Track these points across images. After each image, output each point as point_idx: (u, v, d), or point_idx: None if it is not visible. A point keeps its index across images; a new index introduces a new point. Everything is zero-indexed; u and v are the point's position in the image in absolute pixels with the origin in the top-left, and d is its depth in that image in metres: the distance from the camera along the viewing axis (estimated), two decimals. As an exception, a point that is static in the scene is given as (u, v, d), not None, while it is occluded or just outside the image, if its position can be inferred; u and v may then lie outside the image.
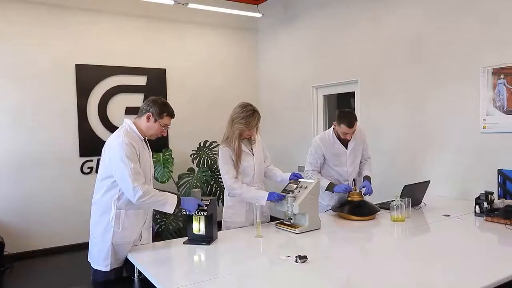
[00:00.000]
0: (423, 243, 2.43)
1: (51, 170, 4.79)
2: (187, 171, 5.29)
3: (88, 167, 5.02)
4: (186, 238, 2.46)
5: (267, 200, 2.71)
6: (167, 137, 5.45)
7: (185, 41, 5.72)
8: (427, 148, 3.94)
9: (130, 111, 5.25)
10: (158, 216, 4.56)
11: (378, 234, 2.67)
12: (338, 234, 2.63)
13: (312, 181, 2.69)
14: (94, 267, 2.29)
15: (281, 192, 2.76)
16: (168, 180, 5.08)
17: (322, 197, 3.65)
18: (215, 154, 5.22)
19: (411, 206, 3.11)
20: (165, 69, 5.53)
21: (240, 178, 2.83)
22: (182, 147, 5.53)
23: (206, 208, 2.37)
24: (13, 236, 4.53)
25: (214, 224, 2.45)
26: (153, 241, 2.51)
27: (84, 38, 4.97)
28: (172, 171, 5.12)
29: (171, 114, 2.41)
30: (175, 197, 2.29)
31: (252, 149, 2.89)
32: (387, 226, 2.76)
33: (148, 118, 2.34)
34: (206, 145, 5.34)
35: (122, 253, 2.27)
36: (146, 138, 2.43)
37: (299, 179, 2.82)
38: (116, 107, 5.19)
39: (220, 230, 2.81)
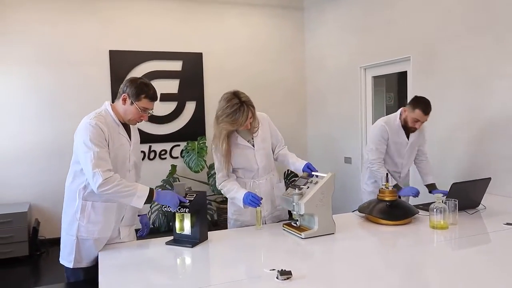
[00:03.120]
0: (468, 262, 1.81)
1: (87, 157, 4.79)
2: (222, 160, 4.99)
3: (123, 155, 4.95)
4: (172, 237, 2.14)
5: (244, 204, 2.27)
6: (203, 125, 5.21)
7: (223, 23, 5.39)
8: (491, 138, 3.18)
9: (164, 97, 5.09)
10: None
11: (406, 245, 2.10)
12: (355, 242, 2.11)
13: (325, 175, 2.19)
14: (60, 262, 2.06)
15: (290, 186, 2.31)
16: (202, 169, 4.85)
17: (366, 183, 3.19)
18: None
19: (465, 209, 2.50)
20: (201, 53, 5.26)
21: (242, 173, 2.44)
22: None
23: (188, 204, 2.01)
24: (49, 221, 4.61)
25: (201, 224, 2.09)
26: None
27: (117, 23, 4.88)
28: (205, 160, 4.87)
29: (151, 97, 2.08)
30: (147, 189, 1.97)
31: (252, 139, 2.44)
32: (423, 235, 2.18)
33: (124, 100, 2.05)
34: (241, 133, 4.98)
35: (89, 251, 2.00)
36: (131, 124, 2.17)
37: (313, 172, 2.34)
38: (151, 94, 5.04)
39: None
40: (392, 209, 2.36)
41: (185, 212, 2.01)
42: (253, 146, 2.43)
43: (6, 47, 4.47)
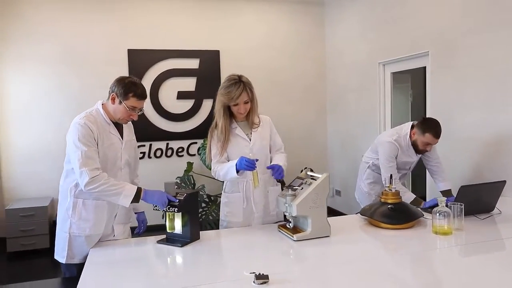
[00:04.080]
0: (472, 270, 1.68)
1: (106, 154, 4.91)
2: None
3: (141, 152, 5.03)
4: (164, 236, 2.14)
5: (238, 170, 2.22)
6: (221, 123, 5.21)
7: (240, 20, 5.36)
8: (510, 139, 2.98)
9: (182, 95, 5.14)
10: (197, 205, 4.34)
11: (404, 250, 1.99)
12: (350, 246, 2.02)
13: (320, 175, 2.12)
14: (55, 257, 2.10)
15: (285, 187, 2.25)
16: (217, 167, 4.85)
17: (364, 182, 3.15)
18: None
19: (476, 214, 2.35)
20: (218, 51, 5.26)
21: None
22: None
23: (177, 204, 2.00)
24: (70, 216, 4.76)
25: (192, 223, 2.07)
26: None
27: (135, 22, 4.96)
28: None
29: (139, 95, 2.08)
30: (134, 188, 1.97)
31: (251, 133, 2.40)
32: (424, 240, 2.07)
33: (113, 99, 2.08)
34: (257, 131, 4.93)
35: (80, 247, 2.03)
36: (122, 123, 2.18)
37: (310, 173, 2.27)
38: (168, 92, 5.11)
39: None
40: (394, 213, 2.25)
41: (174, 211, 2.00)
42: (250, 140, 2.39)
43: (30, 47, 4.65)
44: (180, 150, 5.19)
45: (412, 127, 2.89)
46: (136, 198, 1.96)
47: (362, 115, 4.87)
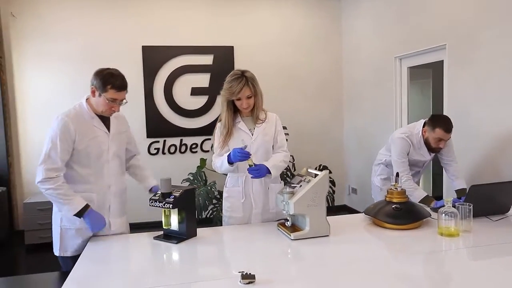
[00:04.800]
0: (478, 275, 1.58)
1: (121, 150, 4.97)
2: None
3: (155, 148, 5.08)
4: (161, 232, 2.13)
5: (231, 162, 2.22)
6: (234, 119, 5.18)
7: (255, 15, 5.31)
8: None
9: (195, 91, 5.14)
10: (208, 202, 4.33)
11: (406, 252, 1.89)
12: (349, 246, 1.94)
13: (319, 172, 2.05)
14: (53, 250, 2.15)
15: (285, 184, 2.19)
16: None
17: (376, 178, 3.07)
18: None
19: (488, 215, 2.23)
20: (232, 47, 5.22)
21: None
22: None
23: (172, 200, 1.98)
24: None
25: (188, 220, 2.05)
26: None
27: (149, 18, 4.98)
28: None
29: (118, 87, 2.03)
30: (82, 205, 1.98)
31: (254, 129, 2.36)
32: (429, 242, 1.96)
33: (93, 92, 2.07)
34: (270, 128, 4.87)
35: (72, 240, 2.07)
36: (106, 115, 2.16)
37: (310, 170, 2.20)
38: (182, 88, 5.12)
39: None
40: (399, 212, 2.16)
41: (169, 208, 1.98)
42: (252, 135, 2.35)
43: (47, 45, 4.75)
44: (194, 146, 5.20)
45: (424, 125, 2.78)
46: (80, 214, 1.97)
47: (379, 112, 4.73)
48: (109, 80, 2.01)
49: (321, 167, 5.02)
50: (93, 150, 2.07)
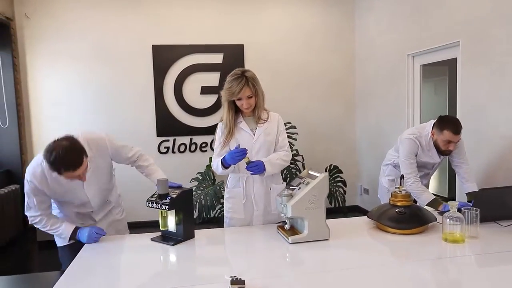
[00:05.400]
0: (485, 284, 1.52)
1: (131, 148, 4.99)
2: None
3: (165, 147, 5.10)
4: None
5: (228, 164, 2.21)
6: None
7: (265, 13, 5.25)
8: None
9: (205, 90, 5.12)
10: (216, 201, 4.31)
11: (408, 258, 1.82)
12: (349, 251, 1.88)
13: (318, 174, 2.00)
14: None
15: (286, 186, 2.15)
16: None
17: (384, 178, 3.00)
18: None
19: (498, 220, 2.13)
20: (242, 45, 5.18)
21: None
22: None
23: (168, 201, 1.96)
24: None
25: (185, 222, 2.03)
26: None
27: (159, 17, 4.99)
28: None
29: (66, 171, 1.84)
30: (70, 231, 2.08)
31: (256, 128, 2.32)
32: (432, 248, 1.89)
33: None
34: (279, 127, 4.81)
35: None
36: None
37: (311, 172, 2.14)
38: (192, 87, 5.11)
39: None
40: (403, 216, 2.09)
41: (165, 209, 1.97)
42: (254, 135, 2.31)
43: (61, 44, 4.81)
44: (203, 145, 5.19)
45: (433, 127, 2.68)
46: (71, 238, 2.09)
47: (391, 111, 4.62)
48: (58, 166, 1.83)
49: (332, 167, 4.94)
50: (71, 199, 2.12)
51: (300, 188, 2.01)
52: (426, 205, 2.55)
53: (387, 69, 4.64)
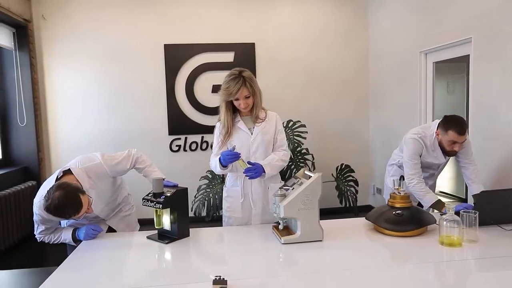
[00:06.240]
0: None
1: (144, 148, 4.97)
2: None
3: (176, 145, 5.15)
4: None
5: (223, 166, 2.22)
6: (255, 116, 5.16)
7: (276, 11, 5.22)
8: None
9: (216, 89, 5.13)
10: (218, 203, 4.33)
11: (402, 261, 1.79)
12: (343, 252, 1.85)
13: (313, 174, 1.98)
14: None
15: (283, 186, 2.13)
16: (249, 161, 4.81)
17: (389, 179, 2.95)
18: (296, 135, 4.66)
19: (500, 223, 2.06)
20: (253, 44, 5.18)
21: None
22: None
23: (162, 200, 1.99)
24: (110, 205, 5.02)
25: (180, 220, 2.05)
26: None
27: (171, 17, 5.04)
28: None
29: (69, 216, 1.90)
30: (70, 234, 2.15)
31: (253, 128, 2.32)
32: (428, 251, 1.84)
33: None
34: (289, 125, 4.80)
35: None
36: None
37: (308, 172, 2.13)
38: (203, 85, 5.15)
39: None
40: (400, 218, 2.04)
41: (159, 207, 1.99)
42: (251, 134, 2.31)
43: (75, 44, 4.93)
44: (214, 143, 5.21)
45: (437, 134, 2.61)
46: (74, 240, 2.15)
47: (404, 110, 4.52)
48: (60, 216, 1.90)
49: (343, 166, 4.88)
50: (80, 220, 2.17)
51: (293, 188, 2.00)
52: (430, 206, 2.49)
53: (400, 67, 4.54)
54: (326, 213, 5.06)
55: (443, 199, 5.39)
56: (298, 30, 5.26)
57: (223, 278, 1.47)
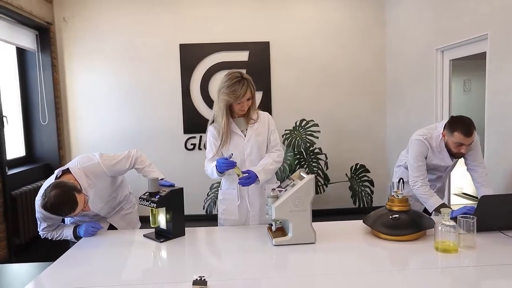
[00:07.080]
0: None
1: (160, 146, 5.16)
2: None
3: (191, 144, 5.22)
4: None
5: (220, 172, 2.21)
6: (270, 115, 5.14)
7: (291, 9, 5.18)
8: None
9: (231, 88, 5.16)
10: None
11: (394, 267, 1.74)
12: (335, 256, 1.83)
13: (306, 176, 1.96)
14: None
15: (277, 187, 2.13)
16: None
17: (396, 179, 2.85)
18: (309, 135, 4.61)
19: (502, 229, 1.98)
20: (268, 42, 5.16)
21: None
22: (287, 126, 5.01)
23: (157, 199, 2.02)
24: (126, 202, 5.15)
25: (175, 219, 2.09)
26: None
27: (186, 16, 5.09)
28: (265, 152, 4.81)
29: (65, 215, 2.02)
30: (71, 231, 2.23)
31: (246, 129, 2.32)
32: (423, 257, 1.79)
33: None
34: (302, 124, 4.75)
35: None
36: None
37: (303, 174, 2.11)
38: (218, 84, 5.14)
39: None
40: (397, 222, 2.00)
41: (153, 207, 2.03)
42: (245, 136, 2.31)
43: (94, 45, 5.07)
44: (229, 142, 5.24)
45: (444, 135, 2.52)
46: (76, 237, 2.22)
47: (421, 108, 4.39)
48: (56, 214, 1.98)
49: (358, 166, 4.80)
50: (81, 218, 2.27)
51: (286, 189, 1.99)
52: (434, 210, 2.41)
53: (417, 65, 4.41)
54: (338, 214, 5.06)
55: (465, 201, 5.24)
56: (313, 28, 5.21)
57: (204, 279, 1.49)
